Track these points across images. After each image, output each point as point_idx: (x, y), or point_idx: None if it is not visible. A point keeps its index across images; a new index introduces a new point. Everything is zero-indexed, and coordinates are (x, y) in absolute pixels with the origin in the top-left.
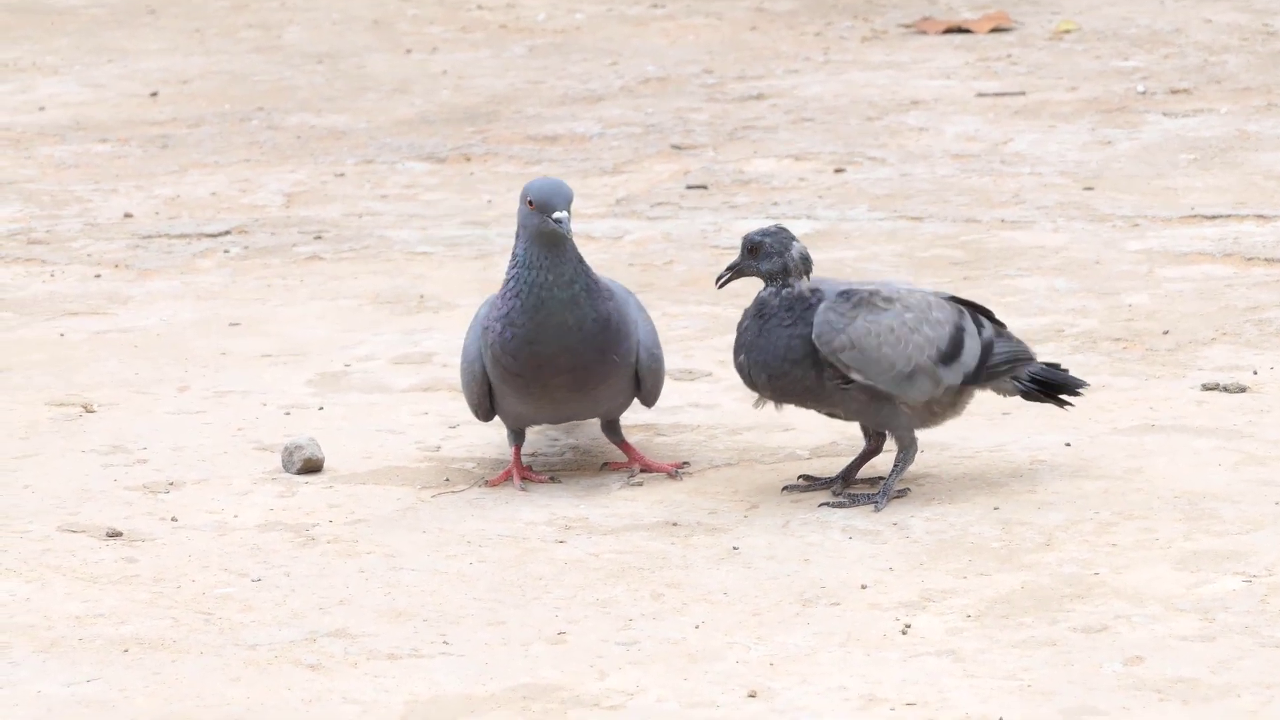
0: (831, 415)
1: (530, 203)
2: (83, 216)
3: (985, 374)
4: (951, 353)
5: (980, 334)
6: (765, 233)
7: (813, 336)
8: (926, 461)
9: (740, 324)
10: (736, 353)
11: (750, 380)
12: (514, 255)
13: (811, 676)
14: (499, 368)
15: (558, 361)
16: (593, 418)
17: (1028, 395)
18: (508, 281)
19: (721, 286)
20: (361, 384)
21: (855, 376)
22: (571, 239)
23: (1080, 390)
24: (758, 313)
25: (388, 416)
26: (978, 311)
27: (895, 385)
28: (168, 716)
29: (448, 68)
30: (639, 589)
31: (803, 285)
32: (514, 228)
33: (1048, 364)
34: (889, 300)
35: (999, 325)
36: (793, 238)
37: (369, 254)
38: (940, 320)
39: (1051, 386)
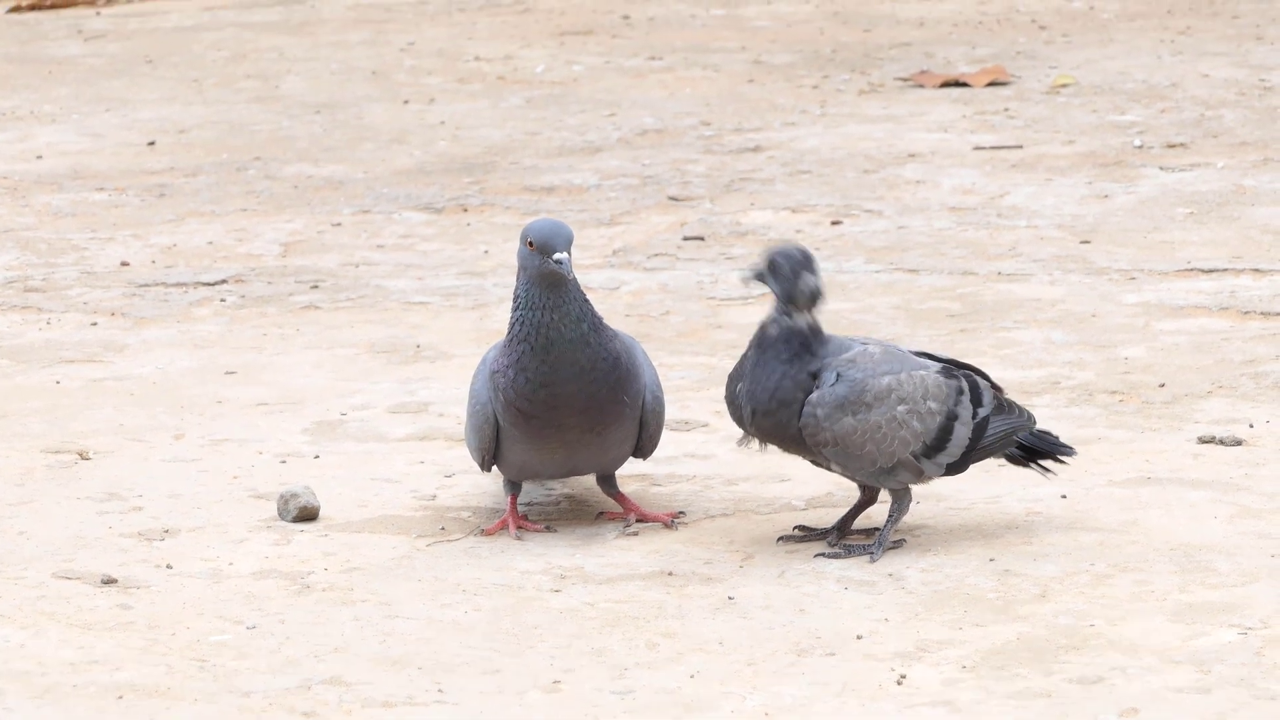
0: (816, 464)
1: (530, 243)
2: (79, 265)
3: (973, 458)
4: (937, 446)
5: (977, 413)
6: (785, 254)
7: (799, 424)
8: (922, 513)
9: (744, 353)
10: (732, 381)
11: (737, 412)
12: (515, 297)
13: None
14: (512, 411)
15: (573, 402)
16: (595, 470)
17: (1012, 460)
18: (513, 325)
19: (744, 282)
20: (357, 433)
21: (835, 469)
22: (574, 279)
23: (1064, 457)
24: (758, 342)
25: (383, 465)
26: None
27: (875, 478)
28: None
29: (445, 118)
30: (634, 638)
31: (803, 320)
32: (512, 278)
33: (1037, 431)
34: (881, 395)
35: (998, 391)
36: (808, 270)
37: (365, 303)
38: (933, 410)
39: (1035, 453)
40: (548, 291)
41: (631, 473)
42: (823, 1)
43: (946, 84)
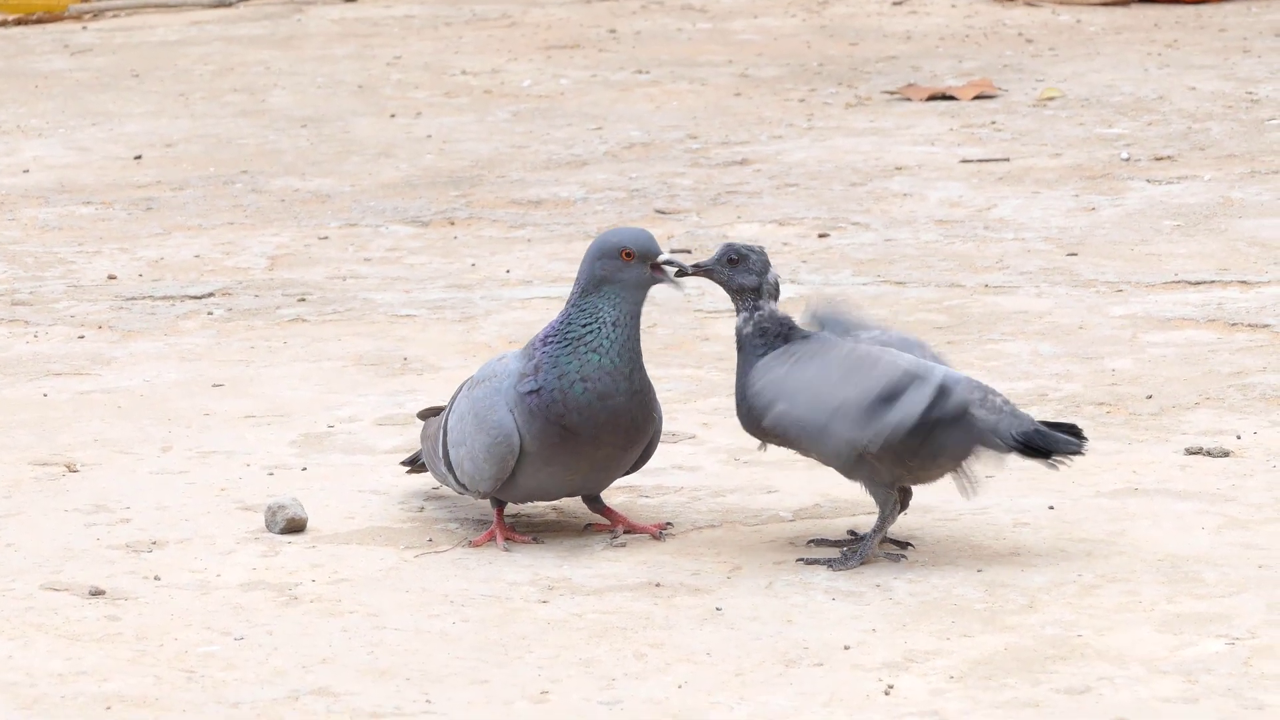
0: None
1: (627, 254)
2: (66, 278)
3: (927, 449)
4: (873, 412)
5: (937, 406)
6: (750, 249)
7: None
8: (909, 524)
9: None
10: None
11: (738, 415)
12: (596, 314)
13: None
14: (555, 429)
15: (619, 419)
16: (599, 489)
17: (1022, 454)
18: (584, 336)
19: (679, 275)
20: (345, 445)
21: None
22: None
23: (1064, 457)
24: (738, 346)
25: (371, 477)
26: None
27: (808, 436)
28: None
29: (432, 132)
30: (622, 649)
31: (772, 306)
32: (499, 290)
33: (1046, 423)
34: (819, 353)
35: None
36: (771, 264)
37: (352, 316)
38: (875, 377)
39: (1037, 450)
40: (637, 308)
41: (620, 484)
42: (809, 15)
43: (933, 97)
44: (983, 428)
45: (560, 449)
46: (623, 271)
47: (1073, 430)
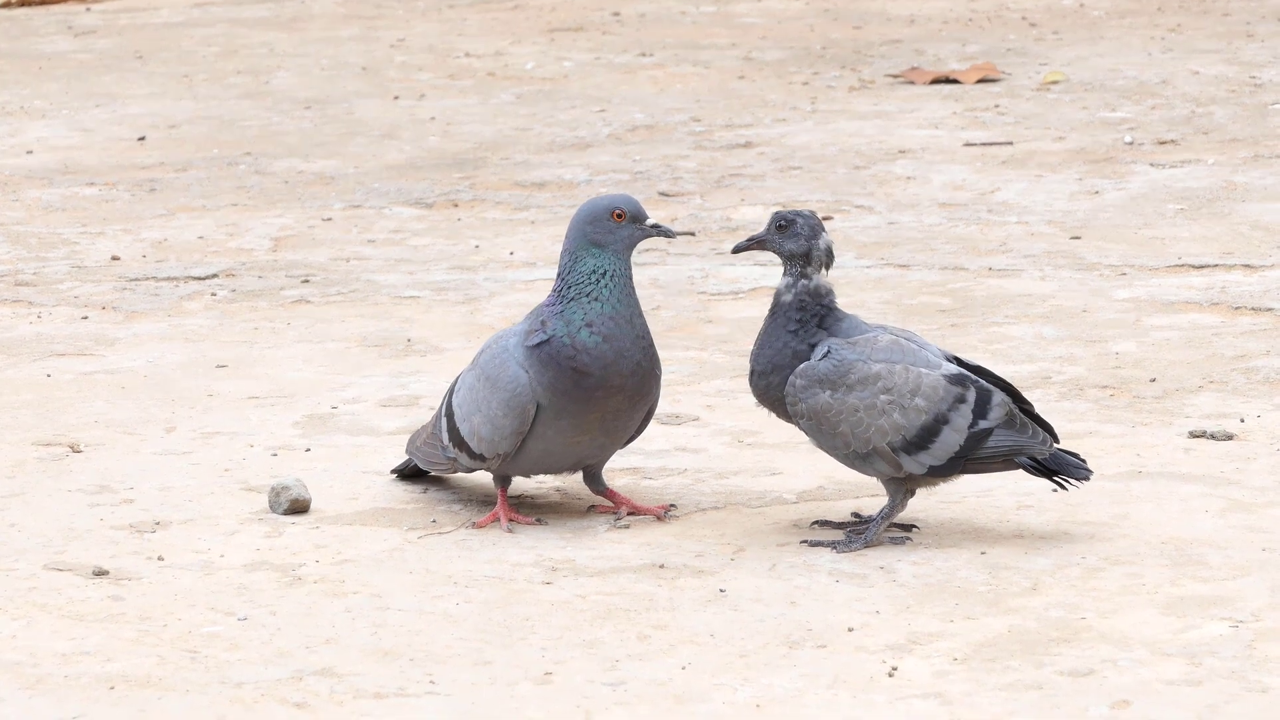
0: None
1: (619, 215)
2: (70, 259)
3: (965, 466)
4: (918, 444)
5: (976, 424)
6: (799, 213)
7: (783, 392)
8: (913, 506)
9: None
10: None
11: (750, 374)
12: (595, 271)
13: (798, 718)
14: (568, 374)
15: (625, 361)
16: (607, 456)
17: (1028, 470)
18: (584, 290)
19: (736, 252)
20: (349, 426)
21: (812, 440)
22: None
23: (1075, 481)
24: (772, 308)
25: (374, 458)
26: (1007, 393)
27: (850, 462)
28: None
29: (436, 114)
30: (626, 630)
31: (820, 278)
32: (503, 272)
33: (1057, 450)
34: (866, 380)
35: (1024, 406)
36: (823, 227)
37: (356, 298)
38: (919, 407)
39: (1049, 471)
40: (629, 258)
41: (623, 465)
42: None
43: (937, 81)
44: (1010, 450)
45: (572, 398)
46: (615, 232)
47: (1079, 459)
